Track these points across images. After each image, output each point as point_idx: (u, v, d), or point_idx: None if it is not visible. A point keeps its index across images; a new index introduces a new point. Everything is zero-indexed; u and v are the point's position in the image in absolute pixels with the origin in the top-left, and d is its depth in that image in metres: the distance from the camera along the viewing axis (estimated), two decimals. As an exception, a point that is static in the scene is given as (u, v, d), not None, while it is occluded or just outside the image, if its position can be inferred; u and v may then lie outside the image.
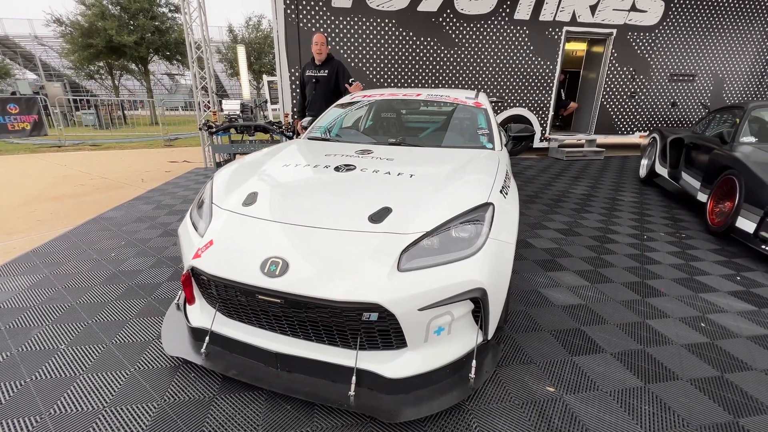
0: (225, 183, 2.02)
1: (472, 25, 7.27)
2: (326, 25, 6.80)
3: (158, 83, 31.54)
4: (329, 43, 6.33)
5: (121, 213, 4.05)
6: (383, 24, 7.00)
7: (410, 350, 1.50)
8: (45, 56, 25.78)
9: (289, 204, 1.80)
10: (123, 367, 1.77)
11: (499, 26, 7.34)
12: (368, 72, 7.26)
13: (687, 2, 7.73)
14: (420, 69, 7.41)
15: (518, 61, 7.61)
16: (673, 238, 3.55)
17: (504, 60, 7.58)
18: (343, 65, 4.37)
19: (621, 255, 3.14)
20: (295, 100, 5.92)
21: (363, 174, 2.03)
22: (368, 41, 7.07)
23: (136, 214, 4.00)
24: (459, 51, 7.40)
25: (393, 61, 7.28)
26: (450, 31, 7.26)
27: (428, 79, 7.52)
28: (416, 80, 7.49)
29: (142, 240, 3.29)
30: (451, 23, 7.21)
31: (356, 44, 7.05)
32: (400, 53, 7.25)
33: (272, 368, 1.59)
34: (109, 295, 2.39)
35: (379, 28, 7.02)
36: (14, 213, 4.30)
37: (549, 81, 7.84)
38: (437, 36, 7.24)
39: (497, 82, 7.72)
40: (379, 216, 1.62)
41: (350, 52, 7.08)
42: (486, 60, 7.53)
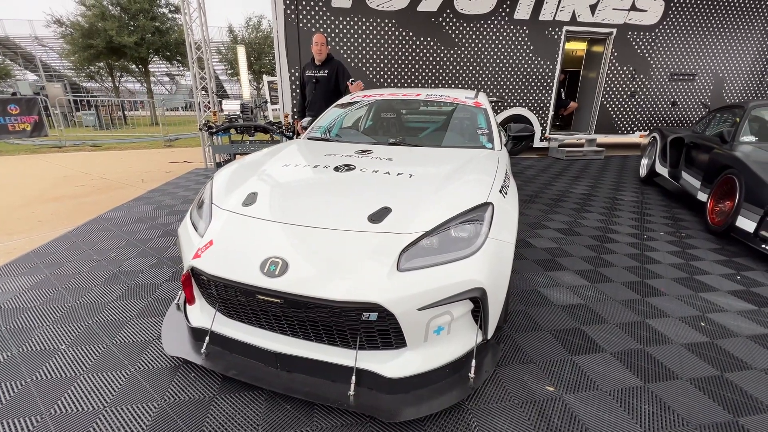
0: (225, 183, 2.03)
1: (472, 25, 7.27)
2: (326, 25, 6.81)
3: (158, 84, 31.56)
4: (329, 44, 6.34)
5: (122, 213, 4.06)
6: (383, 24, 7.00)
7: (410, 350, 1.51)
8: (45, 57, 25.79)
9: (289, 204, 1.81)
10: (123, 367, 1.77)
11: (499, 26, 7.34)
12: (368, 72, 7.26)
13: (687, 2, 7.73)
14: (420, 69, 7.41)
15: (518, 61, 7.61)
16: (674, 238, 3.55)
17: (504, 60, 7.58)
18: (343, 65, 4.38)
19: (621, 254, 3.14)
20: (295, 101, 5.93)
21: (363, 174, 2.03)
22: (368, 41, 7.07)
23: (137, 215, 4.01)
24: (459, 51, 7.39)
25: (393, 61, 7.28)
26: (450, 31, 7.26)
27: (428, 79, 7.52)
28: (416, 80, 7.49)
29: (143, 240, 3.30)
30: (451, 23, 7.21)
31: (356, 44, 7.05)
32: (400, 53, 7.25)
33: (272, 368, 1.59)
34: (110, 296, 2.39)
35: (379, 28, 7.02)
36: (15, 213, 4.31)
37: (549, 80, 7.83)
38: (437, 36, 7.23)
39: (497, 82, 7.71)
40: (379, 216, 1.62)
41: (350, 52, 7.08)
42: (486, 60, 7.53)
